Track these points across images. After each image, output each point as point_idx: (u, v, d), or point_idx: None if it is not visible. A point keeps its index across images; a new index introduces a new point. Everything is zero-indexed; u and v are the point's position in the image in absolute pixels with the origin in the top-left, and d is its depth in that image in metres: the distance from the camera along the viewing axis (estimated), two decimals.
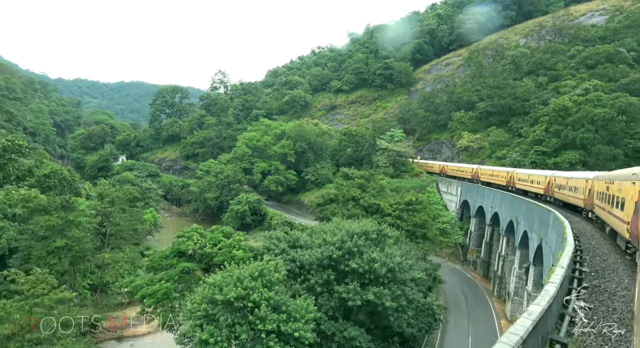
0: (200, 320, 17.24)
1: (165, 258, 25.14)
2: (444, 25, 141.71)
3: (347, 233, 22.83)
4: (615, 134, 58.58)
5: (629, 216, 15.98)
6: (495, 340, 23.91)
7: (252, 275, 18.10)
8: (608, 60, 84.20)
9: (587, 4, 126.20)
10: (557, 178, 38.52)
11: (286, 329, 16.72)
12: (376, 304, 20.10)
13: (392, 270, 21.51)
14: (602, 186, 23.17)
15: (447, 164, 78.03)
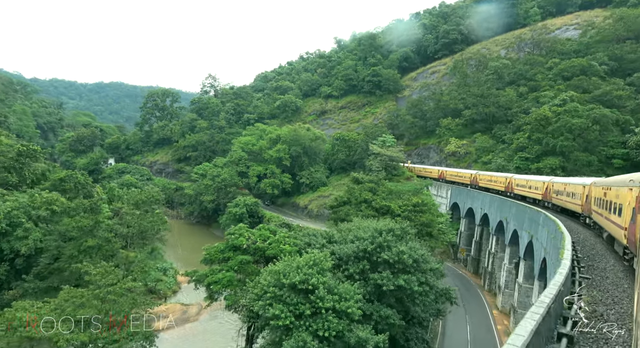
0: (269, 300, 20.81)
1: (221, 252, 28.53)
2: (429, 35, 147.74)
3: (375, 231, 26.89)
4: (590, 142, 64.51)
5: (626, 222, 16.11)
6: (491, 327, 29.66)
7: (308, 264, 21.82)
8: (582, 73, 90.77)
9: (561, 18, 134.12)
10: (555, 184, 38.87)
11: (340, 307, 20.47)
12: (405, 289, 24.18)
13: (417, 260, 25.69)
14: (599, 192, 23.26)
15: (446, 169, 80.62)
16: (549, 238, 27.95)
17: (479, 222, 61.65)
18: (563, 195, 35.30)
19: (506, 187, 53.67)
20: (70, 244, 39.99)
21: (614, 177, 22.48)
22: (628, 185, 16.39)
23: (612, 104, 76.46)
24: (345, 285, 22.09)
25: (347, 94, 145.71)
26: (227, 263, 26.80)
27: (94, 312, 24.56)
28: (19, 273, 42.23)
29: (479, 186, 63.68)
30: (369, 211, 38.55)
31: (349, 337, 19.70)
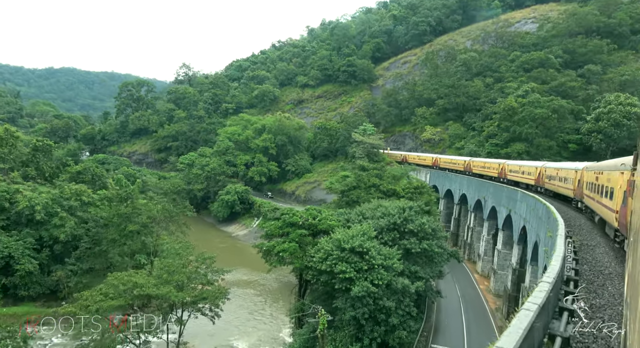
0: (334, 260, 27.04)
1: (279, 228, 34.39)
2: (400, 26, 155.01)
3: (400, 208, 33.65)
4: (550, 129, 74.02)
5: (617, 205, 16.27)
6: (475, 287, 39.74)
7: (360, 233, 28.17)
8: (541, 65, 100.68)
9: (520, 12, 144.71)
10: (547, 169, 39.24)
11: (387, 263, 27.01)
12: (427, 251, 31.29)
13: (434, 229, 32.80)
14: (591, 176, 23.39)
15: (439, 157, 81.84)
16: (529, 210, 35.67)
17: (457, 201, 70.01)
18: (555, 180, 35.64)
19: (499, 173, 54.12)
20: (111, 230, 44.51)
21: (606, 161, 22.92)
22: (619, 168, 16.58)
23: (567, 94, 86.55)
24: (386, 248, 28.74)
25: (323, 84, 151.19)
26: (288, 237, 32.76)
27: (184, 278, 30.35)
28: (57, 258, 46.33)
29: (472, 173, 64.47)
30: (377, 194, 45.29)
31: (396, 284, 26.41)
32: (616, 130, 64.06)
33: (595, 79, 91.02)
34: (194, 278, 31.19)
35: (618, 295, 11.85)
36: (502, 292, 46.33)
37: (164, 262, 32.48)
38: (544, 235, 26.59)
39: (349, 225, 32.00)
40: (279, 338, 44.63)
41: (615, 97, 67.47)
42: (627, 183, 14.64)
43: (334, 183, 69.06)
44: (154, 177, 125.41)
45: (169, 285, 28.84)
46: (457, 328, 37.34)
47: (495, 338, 24.43)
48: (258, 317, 49.80)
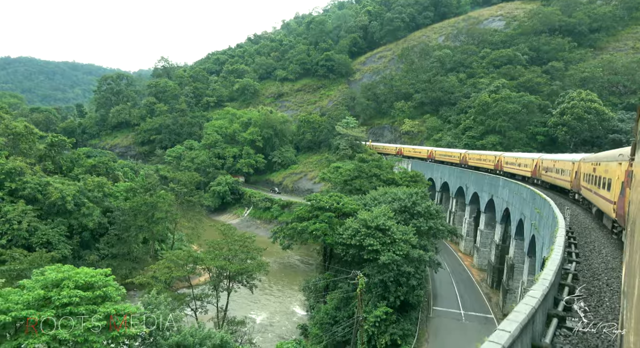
0: (363, 236, 32.24)
1: (309, 212, 39.19)
2: (375, 22, 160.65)
3: (408, 194, 39.27)
4: (520, 122, 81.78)
5: (615, 196, 16.18)
6: (460, 262, 48.25)
7: (381, 214, 33.48)
8: (509, 62, 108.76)
9: (488, 9, 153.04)
10: (544, 161, 39.37)
11: (404, 238, 32.45)
12: (434, 228, 37.22)
13: (437, 211, 38.68)
14: (588, 168, 23.27)
15: (435, 149, 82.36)
16: (512, 194, 42.01)
17: (439, 189, 76.75)
18: (552, 172, 35.75)
19: (495, 165, 54.55)
20: (139, 217, 48.32)
21: (603, 153, 22.95)
22: (617, 159, 16.60)
23: (534, 89, 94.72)
24: (402, 226, 34.26)
25: (302, 77, 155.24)
26: (317, 218, 37.70)
27: (230, 253, 35.18)
28: (85, 244, 49.71)
29: (468, 165, 64.99)
30: (378, 182, 50.70)
31: (413, 254, 31.98)
32: (578, 123, 72.17)
33: (559, 75, 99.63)
34: (240, 252, 36.16)
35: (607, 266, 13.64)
36: (484, 266, 53.14)
37: (214, 241, 37.32)
38: (530, 212, 32.76)
39: (367, 208, 37.29)
40: (290, 311, 49.91)
41: (577, 94, 75.60)
42: (624, 174, 14.70)
43: (327, 173, 74.11)
44: (151, 169, 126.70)
45: (220, 259, 33.79)
46: (451, 295, 43.64)
47: (483, 303, 32.46)
48: (267, 294, 54.74)
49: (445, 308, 39.88)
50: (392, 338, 30.41)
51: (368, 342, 30.12)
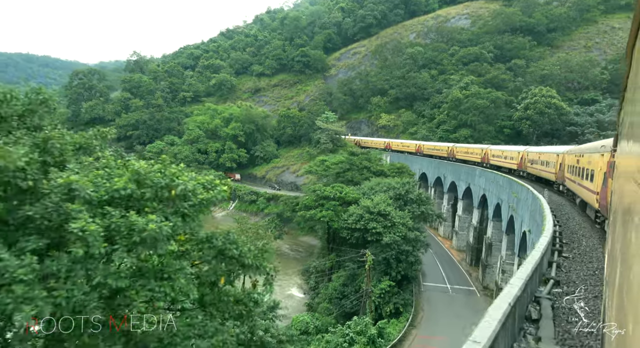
0: (366, 221, 36.94)
1: (315, 201, 43.36)
2: (348, 18, 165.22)
3: (401, 183, 44.40)
4: (489, 116, 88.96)
5: (598, 187, 16.43)
6: (441, 246, 55.54)
7: (381, 201, 38.33)
8: (476, 60, 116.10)
9: (455, 8, 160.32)
10: (529, 154, 40.24)
11: (402, 221, 37.44)
12: (424, 213, 42.56)
13: (427, 198, 43.99)
14: (572, 159, 23.86)
15: (423, 143, 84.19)
16: (488, 182, 47.91)
17: (417, 179, 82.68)
18: (537, 164, 36.50)
19: (482, 158, 55.89)
20: None
21: (586, 145, 23.54)
22: (600, 151, 17.00)
23: (499, 85, 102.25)
24: (399, 211, 39.32)
25: (279, 73, 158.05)
26: (323, 207, 42.04)
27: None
28: None
29: (456, 158, 66.56)
30: (368, 174, 55.58)
31: (410, 235, 37.15)
32: (540, 117, 79.83)
33: (521, 72, 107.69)
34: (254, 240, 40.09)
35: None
36: (463, 247, 59.30)
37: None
38: (507, 197, 38.51)
39: (367, 197, 42.09)
40: (287, 294, 54.32)
41: (539, 90, 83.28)
42: (607, 165, 15.03)
43: (313, 166, 78.47)
44: None
45: None
46: (437, 273, 49.38)
47: (465, 278, 39.46)
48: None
49: (434, 284, 45.50)
50: (395, 307, 35.60)
51: (375, 310, 35.13)
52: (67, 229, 8.57)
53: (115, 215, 9.15)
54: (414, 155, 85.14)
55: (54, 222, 9.03)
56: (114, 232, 8.97)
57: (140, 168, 10.25)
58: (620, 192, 4.56)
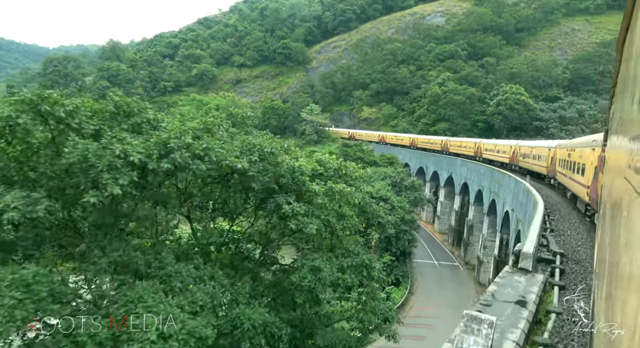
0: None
1: None
2: (328, 12, 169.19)
3: (396, 172, 50.04)
4: (465, 111, 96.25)
5: (589, 180, 16.76)
6: (423, 229, 62.72)
7: (382, 188, 44.04)
8: (451, 57, 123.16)
9: (430, 5, 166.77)
10: (521, 148, 40.42)
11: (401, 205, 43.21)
12: (417, 198, 48.66)
13: (419, 185, 50.18)
14: (563, 153, 24.18)
15: (417, 137, 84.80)
16: (469, 171, 54.38)
17: None
18: (529, 158, 36.79)
19: (475, 152, 56.24)
20: None
21: (578, 139, 23.79)
22: (591, 145, 17.21)
23: (473, 82, 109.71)
24: (396, 196, 45.02)
25: (260, 64, 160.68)
26: None
27: None
28: None
29: (449, 152, 67.17)
30: (362, 164, 61.02)
31: (407, 217, 42.99)
32: (510, 112, 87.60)
33: (492, 69, 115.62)
34: None
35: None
36: (445, 230, 66.03)
37: None
38: (488, 183, 44.88)
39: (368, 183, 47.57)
40: None
41: (509, 88, 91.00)
42: (597, 159, 15.30)
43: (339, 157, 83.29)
44: None
45: None
46: (424, 251, 55.76)
47: (448, 255, 47.42)
48: None
49: (423, 260, 51.82)
50: (395, 278, 41.44)
51: None
52: (306, 189, 15.42)
53: (324, 183, 15.86)
54: (409, 148, 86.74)
55: (297, 186, 15.70)
56: (328, 191, 15.26)
57: (322, 157, 17.77)
58: (610, 186, 4.60)
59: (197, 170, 12.60)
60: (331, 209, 15.79)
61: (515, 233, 29.95)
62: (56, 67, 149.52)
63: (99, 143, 11.56)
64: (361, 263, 16.62)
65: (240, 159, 13.77)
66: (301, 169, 15.79)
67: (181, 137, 12.60)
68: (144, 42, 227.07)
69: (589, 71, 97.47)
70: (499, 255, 38.45)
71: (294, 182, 15.69)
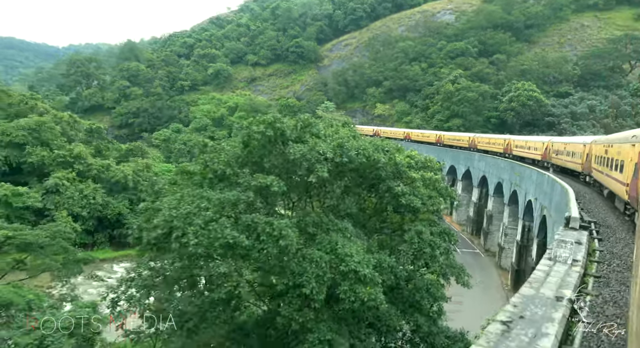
0: None
1: None
2: (339, 11, 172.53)
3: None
4: (478, 108, 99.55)
5: (628, 178, 16.25)
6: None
7: None
8: (462, 54, 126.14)
9: (440, 2, 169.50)
10: (554, 144, 39.50)
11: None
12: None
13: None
14: (600, 150, 23.54)
15: (443, 134, 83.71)
16: (488, 165, 57.92)
17: None
18: (563, 155, 36.14)
19: (505, 149, 55.00)
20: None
21: (615, 135, 23.20)
22: (630, 141, 16.84)
23: (484, 79, 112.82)
24: None
25: (274, 62, 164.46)
26: None
27: None
28: None
29: (477, 149, 66.06)
30: None
31: None
32: (523, 108, 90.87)
33: (502, 66, 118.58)
34: None
35: None
36: (463, 221, 69.71)
37: None
38: (509, 176, 48.47)
39: None
40: None
41: (521, 85, 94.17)
42: (638, 155, 14.95)
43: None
44: None
45: None
46: None
47: (469, 244, 51.96)
48: None
49: None
50: None
51: None
52: (407, 176, 19.99)
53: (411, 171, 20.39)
54: (435, 145, 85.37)
55: (400, 174, 20.27)
56: (422, 178, 20.09)
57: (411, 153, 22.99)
58: None
59: (357, 162, 18.29)
60: (425, 191, 20.29)
61: (540, 218, 33.58)
62: (79, 67, 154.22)
63: (306, 145, 17.78)
64: (443, 231, 21.51)
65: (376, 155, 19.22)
66: (401, 162, 20.61)
67: (348, 141, 18.45)
68: (158, 42, 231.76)
69: (598, 67, 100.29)
70: (521, 241, 42.09)
71: (398, 171, 20.15)
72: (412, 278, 20.15)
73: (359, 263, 15.19)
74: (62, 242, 31.23)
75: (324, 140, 18.72)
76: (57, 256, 30.59)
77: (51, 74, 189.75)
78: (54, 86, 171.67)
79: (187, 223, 15.15)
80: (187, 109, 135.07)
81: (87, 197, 54.87)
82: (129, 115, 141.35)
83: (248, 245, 14.88)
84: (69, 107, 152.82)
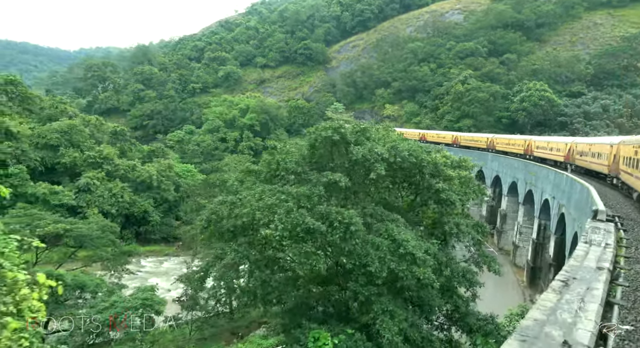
0: None
1: None
2: (346, 12, 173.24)
3: None
4: (488, 108, 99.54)
5: None
6: None
7: None
8: (472, 54, 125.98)
9: (448, 2, 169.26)
10: (578, 145, 38.06)
11: None
12: None
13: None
14: (629, 151, 22.72)
15: (460, 135, 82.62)
16: (501, 166, 58.10)
17: None
18: (587, 156, 34.68)
19: (525, 150, 53.38)
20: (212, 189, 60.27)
21: None
22: None
23: (494, 79, 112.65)
24: None
25: (282, 64, 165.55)
26: None
27: None
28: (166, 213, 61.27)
29: (495, 150, 64.58)
30: None
31: None
32: (535, 108, 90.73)
33: (513, 65, 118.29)
34: None
35: None
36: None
37: None
38: (523, 176, 48.69)
39: None
40: None
41: (532, 85, 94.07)
42: None
43: None
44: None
45: None
46: None
47: (482, 244, 49.59)
48: None
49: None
50: None
51: None
52: (445, 174, 21.30)
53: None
54: (452, 146, 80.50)
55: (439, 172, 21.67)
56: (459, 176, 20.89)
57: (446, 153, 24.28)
58: None
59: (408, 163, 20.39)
60: (460, 188, 22.12)
61: (557, 216, 33.87)
62: (96, 71, 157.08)
63: (365, 147, 19.79)
64: (476, 224, 23.79)
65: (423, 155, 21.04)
66: (440, 162, 22.45)
67: (400, 144, 20.49)
68: (168, 45, 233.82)
69: (612, 66, 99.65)
70: (537, 239, 42.32)
71: (437, 169, 21.84)
72: (449, 265, 21.56)
73: (414, 247, 17.00)
74: (110, 235, 33.35)
75: (376, 142, 20.93)
76: (106, 248, 32.65)
77: (65, 78, 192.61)
78: (70, 89, 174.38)
79: (271, 212, 17.58)
80: (199, 110, 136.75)
81: (115, 195, 57.06)
82: (144, 117, 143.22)
83: (324, 231, 17.05)
84: (85, 110, 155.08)
